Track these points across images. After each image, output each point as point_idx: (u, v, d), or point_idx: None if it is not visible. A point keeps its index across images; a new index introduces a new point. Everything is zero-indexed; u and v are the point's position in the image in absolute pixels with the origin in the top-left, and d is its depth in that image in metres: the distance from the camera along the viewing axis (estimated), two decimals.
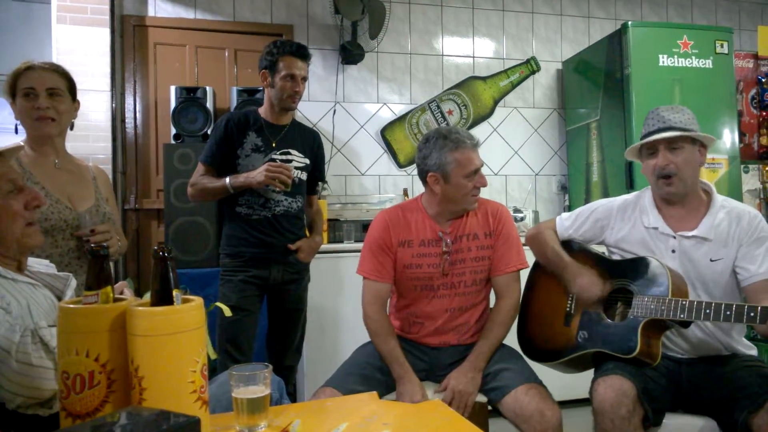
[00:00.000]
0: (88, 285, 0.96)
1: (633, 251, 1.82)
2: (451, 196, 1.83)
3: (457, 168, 1.78)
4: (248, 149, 2.29)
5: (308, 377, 2.87)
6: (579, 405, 2.49)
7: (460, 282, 1.87)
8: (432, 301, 1.88)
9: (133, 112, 3.43)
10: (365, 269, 1.88)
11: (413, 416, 1.33)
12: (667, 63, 3.37)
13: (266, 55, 2.30)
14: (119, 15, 3.37)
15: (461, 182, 1.80)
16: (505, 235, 1.89)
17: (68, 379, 0.91)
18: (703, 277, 1.73)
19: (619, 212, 1.87)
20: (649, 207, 1.82)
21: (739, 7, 4.50)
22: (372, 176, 3.77)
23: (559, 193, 4.09)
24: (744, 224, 1.71)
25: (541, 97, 4.11)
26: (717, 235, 1.71)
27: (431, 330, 1.89)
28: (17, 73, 1.69)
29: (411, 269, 1.86)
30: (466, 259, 1.87)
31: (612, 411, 1.54)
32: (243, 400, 1.11)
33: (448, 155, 1.78)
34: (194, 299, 0.96)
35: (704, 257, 1.72)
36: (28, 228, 1.25)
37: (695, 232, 1.73)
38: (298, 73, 2.28)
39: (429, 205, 1.90)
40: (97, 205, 1.78)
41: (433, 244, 1.87)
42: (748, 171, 3.79)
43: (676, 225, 1.77)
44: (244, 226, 2.29)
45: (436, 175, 1.81)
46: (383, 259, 1.87)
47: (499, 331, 1.84)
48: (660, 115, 1.75)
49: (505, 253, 1.88)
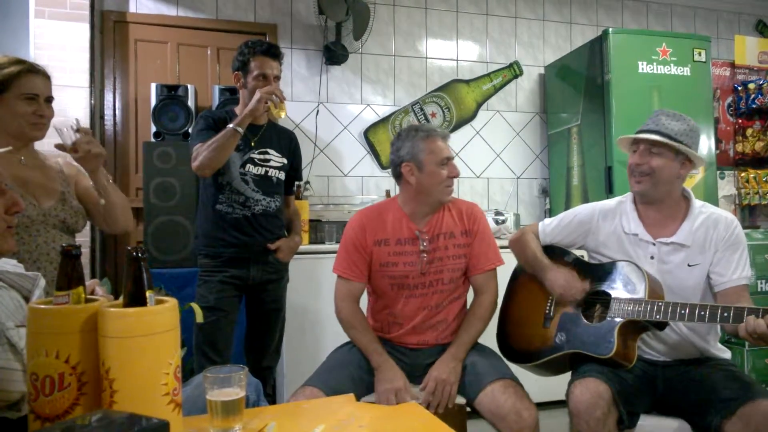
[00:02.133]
0: (59, 285, 0.94)
1: (612, 256, 1.84)
2: (426, 186, 1.87)
3: (429, 155, 1.85)
4: None
5: (288, 378, 2.85)
6: (555, 407, 2.51)
7: (437, 280, 1.89)
8: (409, 300, 1.89)
9: (113, 110, 3.38)
10: (339, 267, 1.92)
11: (390, 418, 1.34)
12: (646, 70, 3.42)
13: (238, 56, 2.31)
14: (99, 10, 3.32)
15: (434, 170, 1.85)
16: (481, 233, 1.93)
17: (37, 381, 0.89)
18: (682, 283, 1.75)
19: (600, 217, 1.90)
20: (630, 212, 1.84)
21: (717, 17, 4.59)
22: (355, 177, 3.77)
23: (540, 196, 4.13)
24: (720, 229, 1.74)
25: (523, 101, 4.14)
26: (694, 241, 1.74)
27: (409, 329, 1.90)
28: (14, 73, 1.66)
29: (387, 267, 1.88)
30: (443, 258, 1.89)
31: (587, 413, 1.55)
32: (217, 402, 1.10)
33: (420, 143, 1.86)
34: (168, 300, 0.95)
35: (682, 263, 1.75)
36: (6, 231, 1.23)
37: (673, 238, 1.76)
38: (269, 72, 2.27)
39: (405, 204, 1.93)
40: (63, 200, 1.76)
41: (409, 243, 1.89)
42: (723, 177, 3.86)
43: (655, 232, 1.79)
44: (222, 224, 2.27)
45: (410, 165, 1.87)
46: (357, 258, 1.89)
47: (479, 324, 1.87)
48: (657, 118, 1.77)
49: (483, 251, 1.91)
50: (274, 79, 2.28)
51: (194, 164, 2.19)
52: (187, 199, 2.94)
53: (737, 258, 1.71)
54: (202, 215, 2.35)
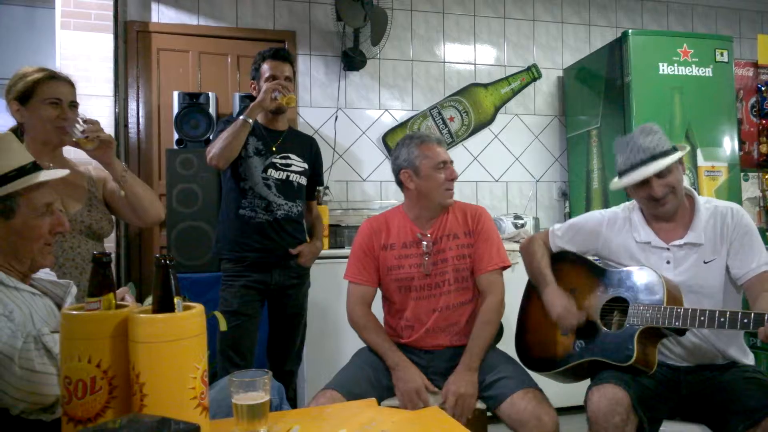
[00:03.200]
0: (91, 292, 0.97)
1: (626, 264, 1.83)
2: (425, 190, 1.91)
3: (425, 160, 1.90)
4: (251, 151, 2.33)
5: (309, 382, 2.87)
6: (575, 412, 2.49)
7: (443, 281, 1.91)
8: (418, 303, 1.92)
9: (136, 118, 3.45)
10: (350, 273, 1.98)
11: (411, 423, 1.34)
12: (667, 71, 3.38)
13: (252, 66, 2.41)
14: (123, 21, 3.39)
15: (431, 174, 1.90)
16: (485, 233, 1.94)
17: (70, 385, 0.92)
18: (702, 282, 1.74)
19: (609, 225, 1.89)
20: (639, 224, 1.84)
21: (740, 16, 4.52)
22: (373, 182, 3.78)
23: (559, 199, 4.11)
24: (729, 221, 1.74)
25: (541, 104, 4.13)
26: (707, 238, 1.74)
27: (422, 333, 1.92)
28: (37, 79, 1.72)
29: (394, 270, 1.93)
30: (447, 258, 1.92)
31: (605, 420, 1.55)
32: (243, 406, 1.12)
33: (415, 150, 1.92)
34: (195, 306, 0.97)
35: (698, 261, 1.74)
36: (44, 248, 1.30)
37: (686, 239, 1.75)
38: (279, 73, 2.33)
39: (409, 209, 1.99)
40: (90, 205, 1.80)
41: (413, 246, 1.93)
42: (747, 179, 3.80)
43: (666, 236, 1.79)
44: (245, 229, 2.30)
45: (408, 171, 1.93)
46: (366, 263, 1.95)
47: (487, 329, 1.87)
48: (638, 145, 1.74)
49: (486, 251, 1.92)
50: (285, 80, 2.34)
51: (208, 157, 2.26)
52: (208, 205, 2.98)
53: (752, 245, 1.70)
54: (225, 220, 2.38)
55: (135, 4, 3.45)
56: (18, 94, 1.71)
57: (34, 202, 1.27)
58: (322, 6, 3.69)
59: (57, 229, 1.33)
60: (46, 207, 1.29)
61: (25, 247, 1.27)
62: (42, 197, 1.28)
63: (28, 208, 1.26)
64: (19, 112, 1.72)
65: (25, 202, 1.25)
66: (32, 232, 1.27)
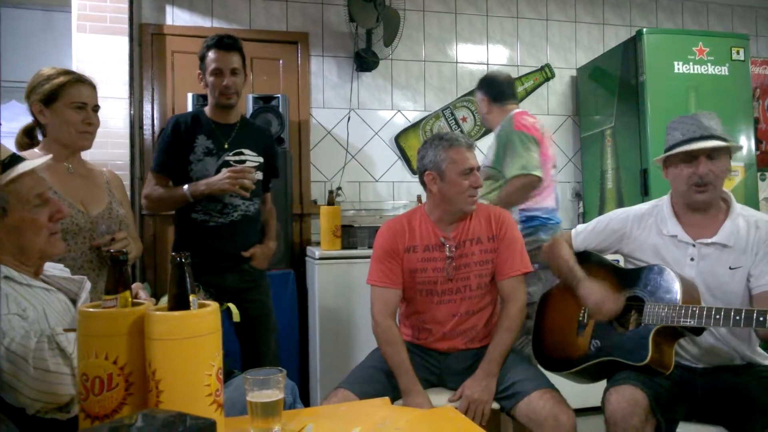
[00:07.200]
0: (108, 289, 0.98)
1: (648, 260, 1.81)
2: (448, 195, 1.87)
3: (451, 165, 1.85)
4: (200, 153, 2.19)
5: (321, 382, 2.88)
6: (593, 413, 2.47)
7: (465, 286, 1.89)
8: (439, 306, 1.90)
9: (151, 119, 3.48)
10: (373, 278, 1.91)
11: (425, 422, 1.34)
12: (682, 70, 3.35)
13: (198, 56, 2.22)
14: (138, 23, 3.43)
15: (456, 180, 1.85)
16: (508, 239, 1.91)
17: (87, 381, 0.93)
18: (723, 286, 1.71)
19: (635, 221, 1.87)
20: (668, 215, 1.81)
21: (756, 14, 4.46)
22: (386, 183, 3.79)
23: (573, 200, 4.08)
24: (762, 232, 1.69)
25: (555, 103, 4.10)
26: (736, 242, 1.70)
27: (439, 336, 1.91)
28: (63, 83, 1.72)
29: (417, 273, 1.89)
30: (470, 264, 1.89)
31: (624, 421, 1.53)
32: (257, 403, 1.13)
33: (442, 153, 1.87)
34: (210, 304, 0.98)
35: (723, 265, 1.71)
36: (51, 237, 1.29)
37: (715, 238, 1.72)
38: (223, 66, 2.14)
39: (431, 211, 1.94)
40: (110, 208, 1.81)
41: (437, 249, 1.90)
42: (765, 179, 3.75)
43: (694, 233, 1.76)
44: (198, 233, 2.18)
45: (433, 174, 1.88)
46: (391, 265, 1.89)
47: (508, 336, 1.85)
48: (700, 122, 1.73)
49: (509, 256, 1.90)
50: (230, 73, 2.16)
51: (143, 202, 2.25)
52: None
53: None
54: (178, 224, 2.28)
55: (150, 7, 3.48)
56: (43, 96, 1.71)
57: (23, 194, 1.22)
58: (335, 7, 3.70)
59: (57, 216, 1.29)
60: (38, 198, 1.25)
61: (30, 242, 1.24)
62: (30, 189, 1.24)
63: (19, 202, 1.22)
64: (42, 114, 1.73)
65: (13, 197, 1.21)
66: (31, 225, 1.24)
